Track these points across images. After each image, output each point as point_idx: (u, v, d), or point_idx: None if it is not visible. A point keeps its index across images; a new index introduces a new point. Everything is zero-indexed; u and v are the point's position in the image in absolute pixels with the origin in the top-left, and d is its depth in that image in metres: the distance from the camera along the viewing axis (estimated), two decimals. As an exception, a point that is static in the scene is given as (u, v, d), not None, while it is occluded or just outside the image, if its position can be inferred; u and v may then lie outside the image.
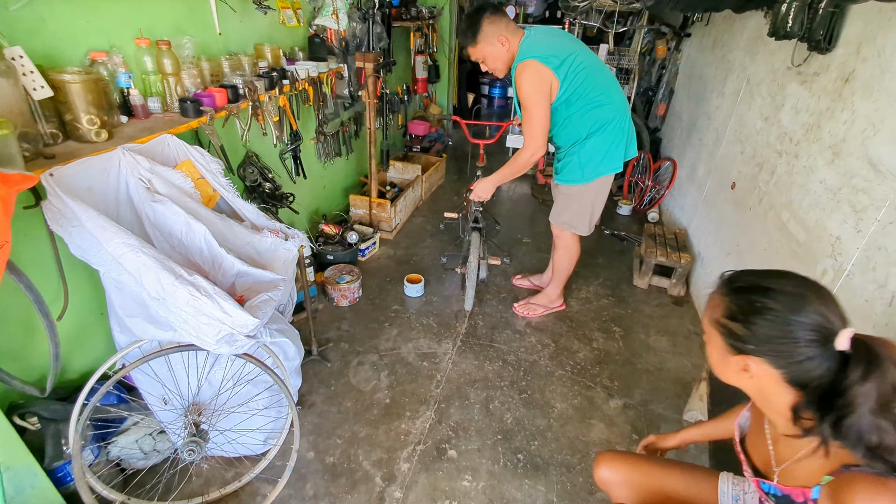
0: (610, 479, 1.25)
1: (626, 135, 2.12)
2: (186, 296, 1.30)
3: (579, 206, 2.27)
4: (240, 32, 2.20)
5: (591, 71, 1.99)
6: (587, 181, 2.17)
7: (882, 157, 1.50)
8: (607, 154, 2.10)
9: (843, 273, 1.59)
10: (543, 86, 1.94)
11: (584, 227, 2.33)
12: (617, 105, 2.06)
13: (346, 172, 3.49)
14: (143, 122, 1.68)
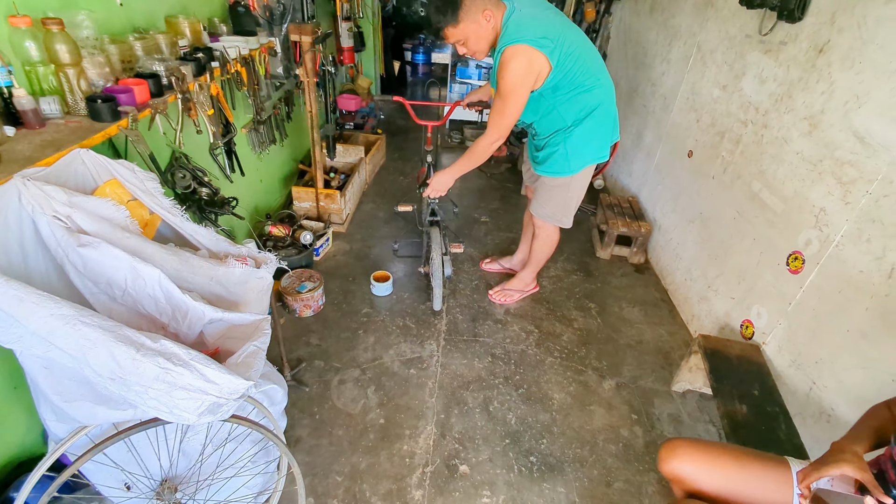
0: (681, 469, 1.19)
1: (613, 119, 2.01)
2: (155, 370, 1.00)
3: (564, 199, 2.16)
4: (146, 1, 1.74)
5: (581, 52, 1.81)
6: (574, 172, 2.04)
7: (870, 130, 1.54)
8: (594, 142, 1.99)
9: (832, 244, 1.66)
10: (531, 76, 1.75)
11: (569, 220, 2.24)
12: (605, 88, 1.93)
13: (281, 161, 3.08)
14: (39, 132, 1.26)
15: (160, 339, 1.04)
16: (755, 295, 2.03)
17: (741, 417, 1.65)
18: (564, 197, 2.15)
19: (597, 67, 1.90)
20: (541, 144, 2.07)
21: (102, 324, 0.99)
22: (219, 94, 1.85)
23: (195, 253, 1.41)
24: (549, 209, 2.20)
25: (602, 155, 2.04)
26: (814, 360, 1.71)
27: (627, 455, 1.85)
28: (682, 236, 2.66)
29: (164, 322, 1.25)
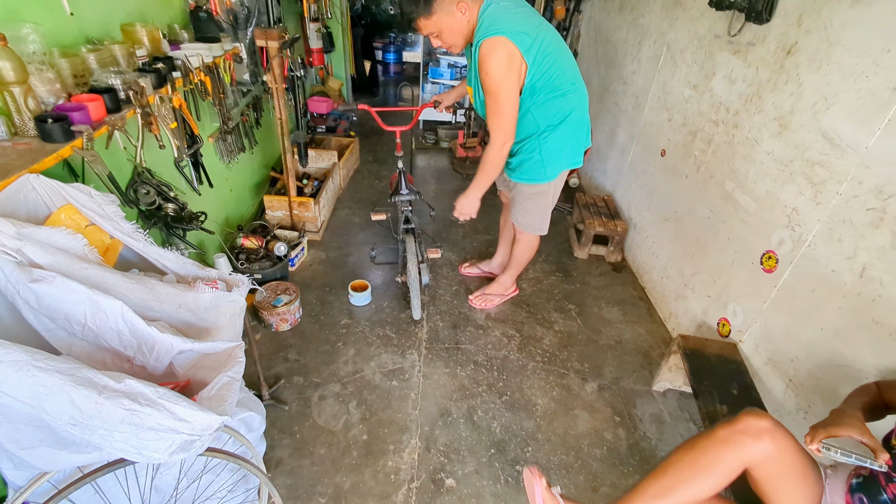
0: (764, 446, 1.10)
1: (586, 125, 1.99)
2: (120, 413, 0.94)
3: (543, 206, 2.14)
4: (99, 10, 1.65)
5: (558, 54, 1.79)
6: (550, 179, 2.02)
7: (838, 131, 1.57)
8: (569, 148, 1.96)
9: (804, 244, 1.69)
10: (513, 67, 1.68)
11: (546, 226, 2.22)
12: (579, 93, 1.91)
13: (251, 169, 2.98)
14: (-18, 157, 1.17)
15: (124, 378, 0.98)
16: (731, 293, 2.07)
17: (722, 418, 1.67)
18: (543, 204, 2.13)
19: (572, 71, 1.88)
20: (513, 150, 2.02)
21: (59, 367, 0.93)
22: (182, 105, 1.76)
23: (161, 279, 1.34)
24: (529, 218, 2.18)
25: (576, 160, 2.03)
26: (789, 357, 1.75)
27: (612, 458, 1.86)
28: (658, 235, 2.69)
29: (130, 355, 1.18)
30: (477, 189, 1.99)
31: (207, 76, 1.94)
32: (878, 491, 1.01)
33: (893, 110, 1.41)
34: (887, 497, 0.99)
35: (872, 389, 1.21)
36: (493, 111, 1.78)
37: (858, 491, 1.07)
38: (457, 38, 1.76)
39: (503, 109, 1.75)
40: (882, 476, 1.02)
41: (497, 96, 1.72)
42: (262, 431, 1.55)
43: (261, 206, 3.02)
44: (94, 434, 0.97)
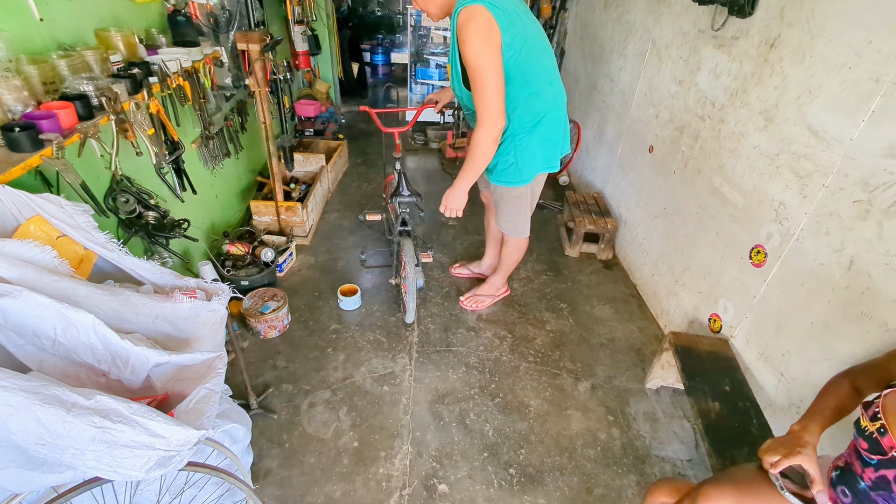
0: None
1: (563, 128, 1.91)
2: (91, 431, 0.91)
3: (520, 209, 2.09)
4: (71, 15, 1.61)
5: (536, 46, 1.68)
6: (527, 182, 1.96)
7: (823, 123, 1.56)
8: (544, 151, 1.88)
9: (792, 237, 1.68)
10: (493, 38, 1.51)
11: (526, 229, 2.18)
12: (556, 95, 1.83)
13: (237, 174, 2.95)
14: (-54, 168, 1.13)
15: (95, 394, 0.95)
16: (721, 289, 2.05)
17: (714, 415, 1.66)
18: (520, 207, 2.08)
19: (551, 70, 1.81)
20: None
21: (24, 385, 0.89)
22: (160, 111, 1.73)
23: (138, 289, 1.31)
24: (509, 222, 2.15)
25: (552, 164, 1.95)
26: (780, 352, 1.74)
27: (606, 459, 1.84)
28: (648, 231, 2.68)
29: (104, 370, 1.15)
30: (463, 180, 1.82)
31: (186, 81, 1.91)
32: (856, 480, 1.00)
33: (876, 102, 1.40)
34: (865, 484, 0.98)
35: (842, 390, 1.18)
36: (476, 87, 1.59)
37: (839, 483, 1.06)
38: (428, 5, 1.66)
39: (486, 83, 1.55)
40: (858, 464, 1.01)
41: (479, 69, 1.54)
42: (248, 442, 1.52)
43: (248, 212, 2.99)
44: (64, 453, 0.93)
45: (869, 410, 0.98)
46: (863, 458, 0.99)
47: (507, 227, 2.18)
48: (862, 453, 0.99)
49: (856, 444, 1.02)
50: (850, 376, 1.21)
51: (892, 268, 1.36)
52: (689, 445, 1.92)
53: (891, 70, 1.37)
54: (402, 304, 2.41)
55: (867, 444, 0.97)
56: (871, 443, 0.97)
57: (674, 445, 1.91)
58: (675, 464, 1.85)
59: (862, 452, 0.99)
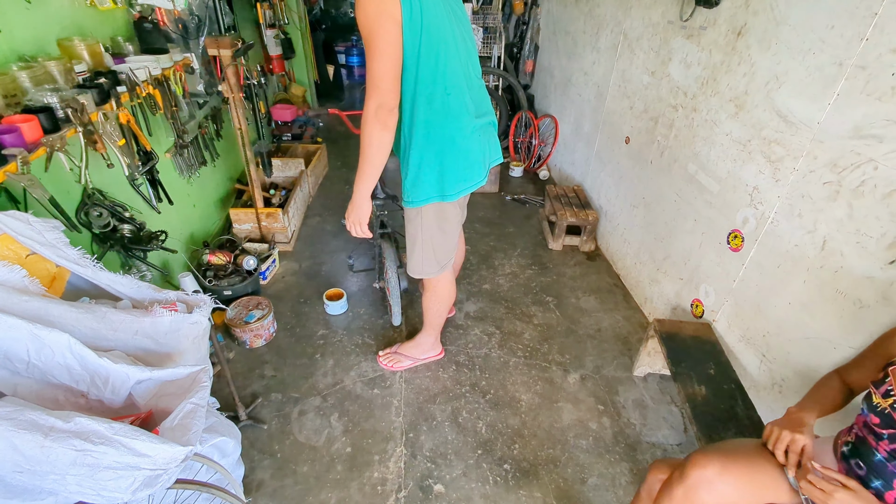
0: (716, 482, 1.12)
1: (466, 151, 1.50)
2: (71, 454, 0.89)
3: (415, 237, 1.68)
4: (31, 24, 1.56)
5: (437, 31, 1.33)
6: (414, 205, 1.58)
7: (791, 108, 1.60)
8: (433, 173, 1.50)
9: (767, 220, 1.72)
10: (389, 5, 1.23)
11: (426, 269, 1.74)
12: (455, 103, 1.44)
13: (215, 182, 2.89)
14: None
15: (74, 416, 0.92)
16: (702, 274, 2.09)
17: (701, 399, 1.69)
18: (420, 236, 1.66)
19: (466, 64, 1.48)
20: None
21: (-1, 410, 0.86)
22: (130, 121, 1.68)
23: (115, 305, 1.28)
24: (409, 251, 1.74)
25: (448, 194, 1.54)
26: (761, 333, 1.78)
27: (598, 448, 1.86)
28: (628, 221, 2.71)
29: (83, 390, 1.12)
30: (359, 183, 1.46)
31: (157, 89, 1.86)
32: (871, 453, 1.04)
33: (841, 85, 1.44)
34: (881, 456, 1.02)
35: (833, 383, 1.24)
36: (367, 59, 1.30)
37: (852, 457, 1.09)
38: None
39: (375, 51, 1.26)
40: (871, 438, 1.05)
41: (368, 36, 1.26)
42: (238, 455, 1.50)
43: (227, 221, 2.94)
44: (44, 480, 0.91)
45: (881, 388, 1.03)
46: (875, 432, 1.03)
47: (408, 260, 1.78)
48: (873, 428, 1.04)
49: (865, 420, 1.07)
50: (840, 373, 1.27)
51: (863, 246, 1.40)
52: (678, 430, 1.96)
53: (853, 54, 1.41)
54: (389, 306, 2.40)
55: (879, 419, 1.02)
56: (882, 417, 1.01)
57: (663, 431, 1.94)
58: (665, 449, 1.88)
59: (873, 427, 1.03)
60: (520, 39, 4.28)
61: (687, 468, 1.15)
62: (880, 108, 1.34)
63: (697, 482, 1.13)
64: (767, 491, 1.14)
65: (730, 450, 1.19)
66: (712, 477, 1.12)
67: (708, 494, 1.12)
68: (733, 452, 1.17)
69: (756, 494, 1.13)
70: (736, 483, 1.12)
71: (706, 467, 1.13)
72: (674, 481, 1.18)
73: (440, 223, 1.64)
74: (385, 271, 2.31)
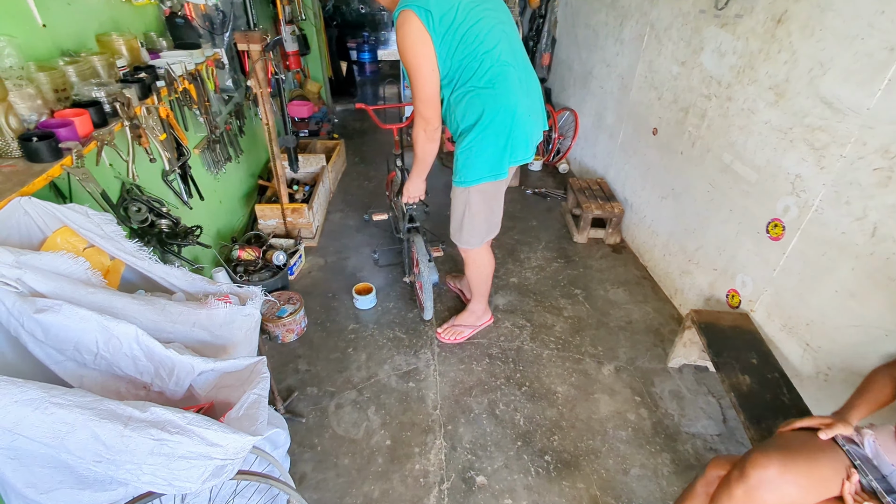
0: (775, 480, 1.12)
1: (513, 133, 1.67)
2: (149, 444, 0.88)
3: (463, 212, 1.88)
4: (72, 20, 1.55)
5: (476, 35, 1.54)
6: (467, 184, 1.79)
7: (838, 95, 1.58)
8: (488, 155, 1.71)
9: (811, 209, 1.70)
10: (420, 44, 1.51)
11: (472, 240, 1.95)
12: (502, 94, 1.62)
13: (239, 178, 2.89)
14: (-34, 182, 1.08)
15: (149, 406, 0.92)
16: (738, 264, 2.08)
17: (746, 388, 1.68)
18: (463, 212, 1.88)
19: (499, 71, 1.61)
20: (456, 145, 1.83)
21: (79, 401, 0.86)
22: (169, 115, 1.68)
23: (170, 298, 1.27)
24: (455, 224, 1.96)
25: (499, 172, 1.75)
26: (804, 322, 1.76)
27: (638, 439, 1.85)
28: (656, 213, 2.70)
29: (147, 382, 1.12)
30: (416, 175, 1.88)
31: (191, 84, 1.86)
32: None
33: (893, 70, 1.43)
34: None
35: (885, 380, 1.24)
36: (411, 87, 1.61)
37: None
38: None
39: (417, 86, 1.58)
40: None
41: (410, 73, 1.57)
42: (287, 447, 1.50)
43: (251, 217, 2.94)
44: (120, 469, 0.90)
45: None
46: None
47: (452, 231, 2.01)
48: None
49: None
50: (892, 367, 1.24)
51: (917, 232, 1.38)
52: (717, 420, 1.95)
53: (905, 38, 1.39)
54: (418, 301, 2.39)
55: None
56: None
57: (702, 421, 1.93)
58: (705, 439, 1.87)
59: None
60: (536, 33, 4.26)
61: (747, 468, 1.14)
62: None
63: (759, 482, 1.12)
64: (829, 485, 1.13)
65: (789, 447, 1.17)
66: (773, 477, 1.11)
67: (769, 494, 1.11)
68: (793, 450, 1.16)
69: (817, 491, 1.12)
70: (797, 481, 1.11)
71: (767, 467, 1.12)
72: (733, 480, 1.17)
73: (488, 200, 1.86)
74: (415, 265, 2.30)
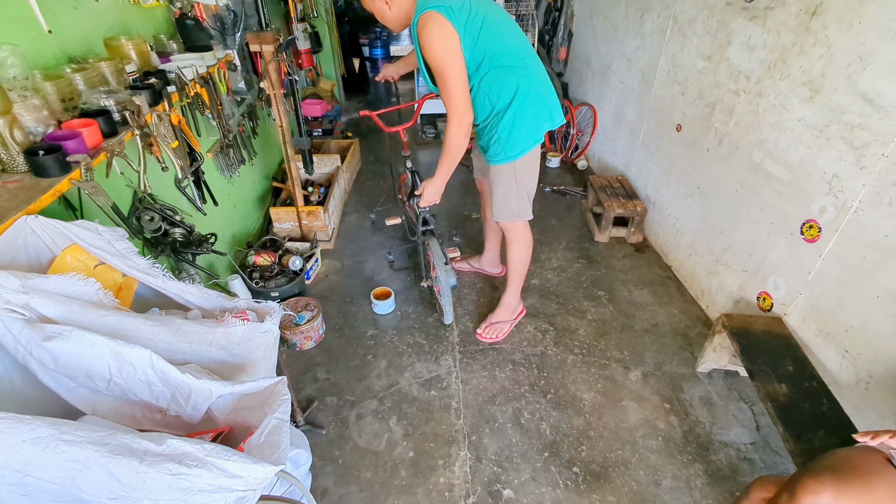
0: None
1: (546, 98, 1.84)
2: (166, 479, 0.84)
3: (512, 187, 1.97)
4: (79, 24, 1.51)
5: (497, 26, 1.69)
6: (514, 158, 1.88)
7: (879, 91, 1.49)
8: (527, 125, 1.83)
9: (850, 210, 1.61)
10: (450, 39, 1.60)
11: (526, 211, 2.04)
12: (530, 68, 1.78)
13: (252, 181, 2.85)
14: (-26, 201, 1.04)
15: (166, 438, 0.87)
16: (769, 266, 1.99)
17: (783, 398, 1.60)
18: (512, 186, 1.97)
19: (519, 47, 1.77)
20: (479, 132, 1.94)
21: (91, 437, 0.82)
22: (181, 122, 1.63)
23: (185, 316, 1.23)
24: (507, 205, 2.01)
25: (538, 137, 1.89)
26: (843, 328, 1.68)
27: (669, 448, 1.79)
28: (681, 212, 2.61)
29: (163, 406, 1.07)
30: (442, 173, 1.88)
31: (203, 88, 1.81)
32: None
33: (944, 62, 1.33)
34: None
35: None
36: (442, 88, 1.68)
37: None
38: (388, 21, 1.75)
39: (451, 84, 1.65)
40: None
41: (441, 71, 1.63)
42: (309, 466, 1.45)
43: (266, 220, 2.90)
44: None
45: None
46: None
47: (504, 213, 2.05)
48: None
49: None
50: None
51: (973, 235, 1.29)
52: (750, 428, 1.87)
53: (959, 28, 1.29)
54: (438, 305, 2.34)
55: None
56: None
57: (735, 429, 1.86)
58: (738, 448, 1.79)
59: None
60: (552, 27, 4.14)
61: (798, 493, 1.07)
62: None
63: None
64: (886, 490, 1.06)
65: (841, 469, 1.10)
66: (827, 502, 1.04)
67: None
68: (845, 472, 1.09)
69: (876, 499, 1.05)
70: None
71: (819, 493, 1.05)
72: None
73: (531, 166, 1.96)
74: (432, 269, 2.24)
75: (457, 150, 1.79)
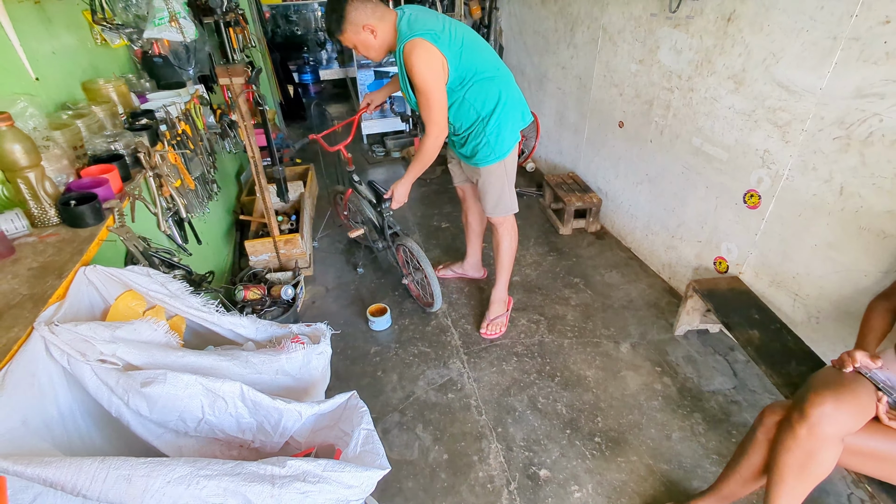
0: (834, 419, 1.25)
1: (520, 101, 2.10)
2: (297, 497, 0.87)
3: (504, 182, 2.18)
4: (59, 69, 1.44)
5: (474, 46, 1.92)
6: (505, 155, 2.10)
7: (792, 79, 1.83)
8: (509, 126, 2.06)
9: (783, 178, 1.94)
10: (434, 62, 1.80)
11: (515, 203, 2.27)
12: (505, 77, 2.03)
13: (219, 216, 2.76)
14: (14, 261, 0.99)
15: (286, 461, 0.91)
16: (721, 234, 2.31)
17: (757, 341, 1.88)
18: (504, 180, 2.19)
19: (493, 59, 2.01)
20: (461, 141, 2.12)
21: (223, 469, 0.83)
22: (177, 160, 1.59)
23: (242, 349, 1.23)
24: (494, 200, 2.21)
25: (517, 135, 2.14)
26: (790, 276, 2.00)
27: (669, 405, 2.01)
28: (633, 199, 2.91)
29: (248, 438, 1.07)
30: (412, 175, 2.11)
31: (187, 124, 1.77)
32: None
33: (838, 55, 1.67)
34: None
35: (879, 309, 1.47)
36: (424, 106, 1.89)
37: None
38: (370, 51, 1.91)
39: (433, 103, 1.86)
40: None
41: (426, 92, 1.83)
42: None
43: (236, 254, 2.81)
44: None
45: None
46: None
47: (498, 208, 2.24)
48: None
49: None
50: (884, 297, 1.47)
51: (880, 186, 1.63)
52: (729, 376, 2.15)
53: (845, 28, 1.63)
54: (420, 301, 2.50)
55: None
56: None
57: (717, 378, 2.13)
58: (724, 394, 2.06)
59: None
60: (481, 41, 4.41)
61: (806, 408, 1.29)
62: (878, 70, 1.57)
63: (819, 419, 1.28)
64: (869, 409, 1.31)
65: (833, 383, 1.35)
66: (830, 411, 1.27)
67: (829, 427, 1.27)
68: (837, 385, 1.33)
69: (862, 415, 1.30)
70: (849, 410, 1.28)
71: (823, 404, 1.28)
72: (795, 421, 1.31)
73: (514, 160, 2.18)
74: (416, 262, 2.35)
75: (429, 158, 2.03)
